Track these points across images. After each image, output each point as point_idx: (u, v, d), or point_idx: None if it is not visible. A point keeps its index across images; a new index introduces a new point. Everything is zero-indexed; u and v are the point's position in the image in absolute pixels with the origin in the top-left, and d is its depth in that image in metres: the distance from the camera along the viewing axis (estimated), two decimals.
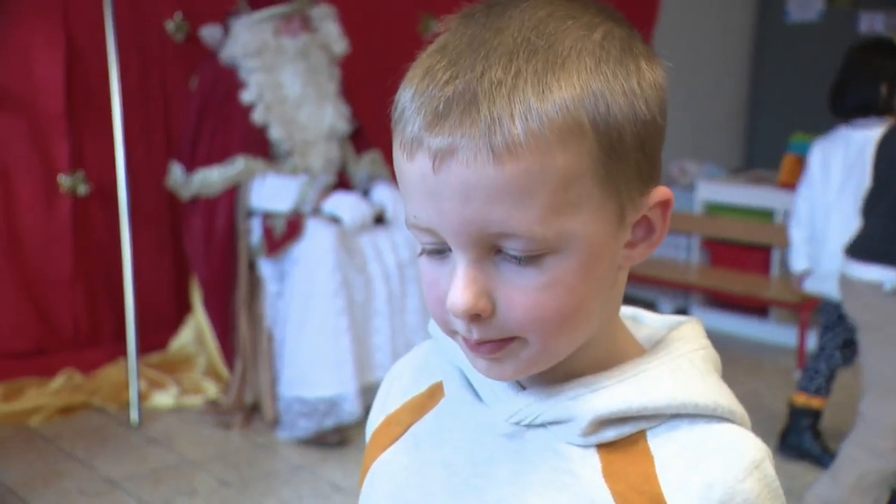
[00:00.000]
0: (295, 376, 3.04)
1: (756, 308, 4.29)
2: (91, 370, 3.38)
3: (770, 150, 5.18)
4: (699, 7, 5.20)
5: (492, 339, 0.62)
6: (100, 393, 3.26)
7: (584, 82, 0.59)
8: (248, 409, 3.19)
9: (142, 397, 3.17)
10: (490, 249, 0.61)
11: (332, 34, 3.31)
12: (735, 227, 4.27)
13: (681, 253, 4.54)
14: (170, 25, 3.55)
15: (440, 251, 0.63)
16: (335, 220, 3.14)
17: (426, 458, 0.71)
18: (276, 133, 3.23)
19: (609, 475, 0.64)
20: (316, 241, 3.05)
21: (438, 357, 0.75)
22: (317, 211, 3.16)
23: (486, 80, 0.58)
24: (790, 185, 4.19)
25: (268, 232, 3.16)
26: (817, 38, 5.18)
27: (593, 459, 0.65)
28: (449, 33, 0.62)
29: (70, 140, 3.35)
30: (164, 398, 3.27)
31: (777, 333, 4.19)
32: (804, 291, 3.11)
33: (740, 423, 0.67)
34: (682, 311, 4.43)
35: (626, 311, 0.75)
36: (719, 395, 0.66)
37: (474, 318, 0.61)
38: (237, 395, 3.19)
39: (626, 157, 0.61)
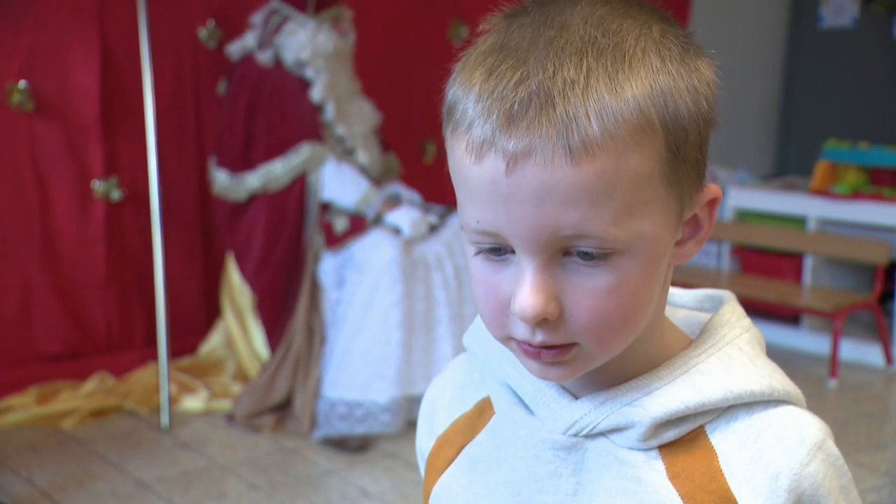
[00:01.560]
0: (343, 379, 3.07)
1: (788, 316, 4.25)
2: (123, 374, 3.41)
3: (803, 157, 5.14)
4: (731, 13, 5.17)
5: (554, 344, 0.61)
6: (131, 396, 3.29)
7: (652, 80, 0.59)
8: (276, 406, 3.21)
9: (172, 401, 3.20)
10: (558, 252, 0.60)
11: (350, 31, 3.40)
12: (766, 234, 4.23)
13: (711, 260, 4.51)
14: (202, 33, 3.58)
15: (498, 250, 0.61)
16: (396, 230, 3.17)
17: (486, 479, 0.70)
18: (341, 130, 3.30)
19: (674, 476, 0.64)
20: (381, 252, 3.08)
21: (481, 373, 0.74)
22: (378, 220, 3.19)
23: (560, 80, 0.57)
24: (823, 191, 4.15)
25: (326, 228, 3.21)
26: (851, 44, 5.13)
27: (657, 462, 0.65)
28: (499, 32, 0.61)
29: (104, 146, 3.39)
30: (193, 402, 3.30)
31: (809, 342, 4.14)
32: None
33: (796, 403, 0.67)
34: None
35: None
36: (772, 378, 0.66)
37: (542, 322, 0.60)
38: (267, 388, 3.21)
39: (689, 156, 0.61)
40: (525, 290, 0.60)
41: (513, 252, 0.61)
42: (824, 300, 3.85)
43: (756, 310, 4.28)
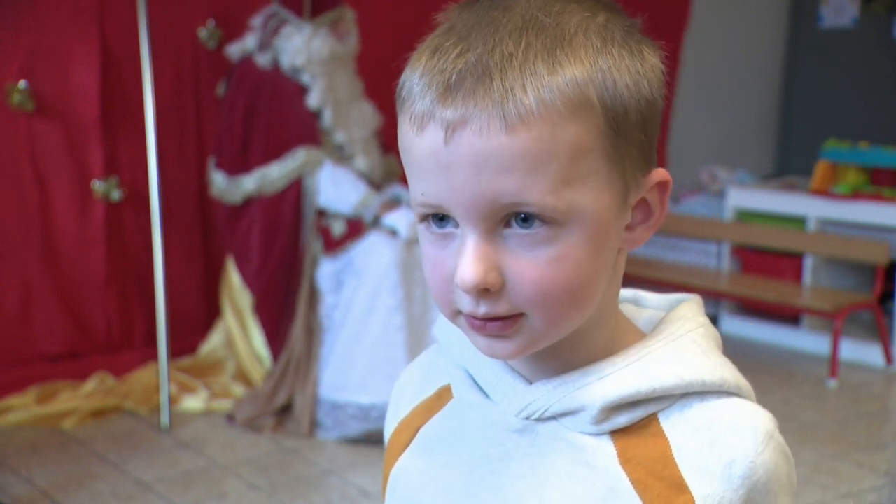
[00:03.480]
0: (352, 383, 3.09)
1: (788, 316, 4.25)
2: (123, 374, 3.41)
3: (803, 157, 5.13)
4: (731, 13, 5.17)
5: (499, 316, 0.62)
6: (131, 396, 3.29)
7: (591, 59, 0.60)
8: (279, 410, 3.21)
9: (172, 401, 3.20)
10: (499, 223, 0.61)
11: (352, 32, 3.38)
12: (766, 234, 4.23)
13: (711, 260, 4.51)
14: (202, 33, 3.58)
15: (442, 219, 0.63)
16: (393, 232, 3.17)
17: (442, 461, 0.71)
18: (340, 137, 3.29)
19: (626, 461, 0.65)
20: (380, 255, 3.08)
21: (444, 360, 0.75)
22: (376, 222, 3.19)
23: (498, 53, 0.59)
24: (823, 191, 4.15)
25: (324, 232, 3.21)
26: (851, 44, 5.12)
27: (608, 447, 0.65)
28: (451, 20, 0.64)
29: (104, 146, 3.39)
30: (193, 402, 3.30)
31: (809, 342, 4.14)
32: None
33: (746, 397, 0.68)
34: (712, 318, 4.39)
35: (626, 293, 0.76)
36: (724, 370, 0.67)
37: (483, 292, 0.61)
38: (271, 394, 3.21)
39: (631, 135, 0.62)
40: (466, 259, 0.61)
41: (457, 226, 0.62)
42: (824, 300, 3.85)
43: (756, 310, 4.29)
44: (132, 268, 3.50)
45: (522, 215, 0.60)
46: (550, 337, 0.64)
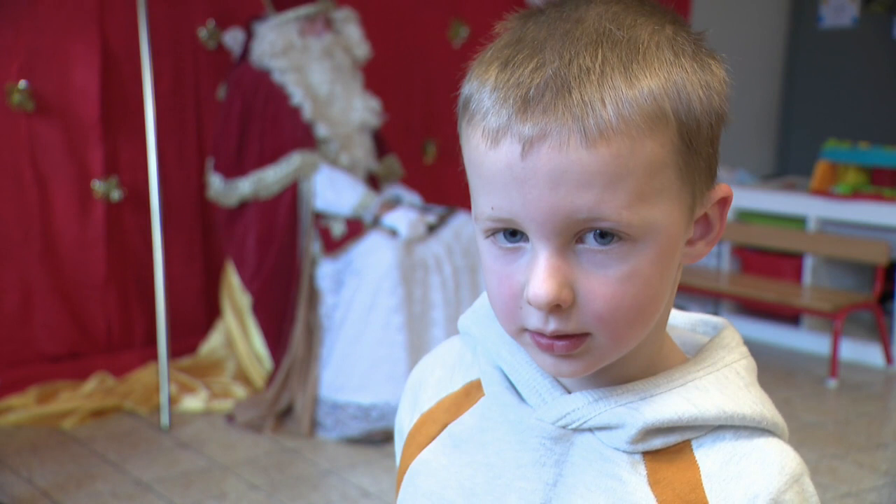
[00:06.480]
0: (352, 383, 3.09)
1: (788, 316, 4.25)
2: (123, 374, 3.41)
3: (803, 157, 5.14)
4: (731, 13, 5.17)
5: (567, 334, 0.62)
6: (131, 396, 3.29)
7: (666, 72, 0.60)
8: (281, 413, 3.21)
9: (172, 401, 3.20)
10: (572, 238, 0.60)
11: (354, 37, 3.37)
12: (767, 234, 4.23)
13: (711, 260, 4.51)
14: (202, 33, 3.58)
15: (513, 234, 0.62)
16: (393, 232, 3.17)
17: (468, 459, 0.71)
18: (322, 131, 3.27)
19: (655, 483, 0.65)
20: (380, 256, 3.08)
21: (475, 355, 0.75)
22: (376, 222, 3.19)
23: (575, 67, 0.59)
24: (823, 191, 4.15)
25: (324, 233, 3.20)
26: (851, 44, 5.13)
27: (640, 466, 0.65)
28: (515, 31, 0.63)
29: (104, 146, 3.39)
30: (193, 402, 3.30)
31: (809, 342, 4.14)
32: None
33: (781, 436, 0.68)
34: None
35: None
36: (763, 407, 0.67)
37: (555, 308, 0.61)
38: (274, 399, 3.21)
39: (701, 150, 0.62)
40: (539, 275, 0.60)
41: (527, 241, 0.62)
42: (824, 300, 3.85)
43: (756, 310, 4.29)
44: (132, 268, 3.50)
45: (599, 231, 0.60)
46: (614, 355, 0.64)
